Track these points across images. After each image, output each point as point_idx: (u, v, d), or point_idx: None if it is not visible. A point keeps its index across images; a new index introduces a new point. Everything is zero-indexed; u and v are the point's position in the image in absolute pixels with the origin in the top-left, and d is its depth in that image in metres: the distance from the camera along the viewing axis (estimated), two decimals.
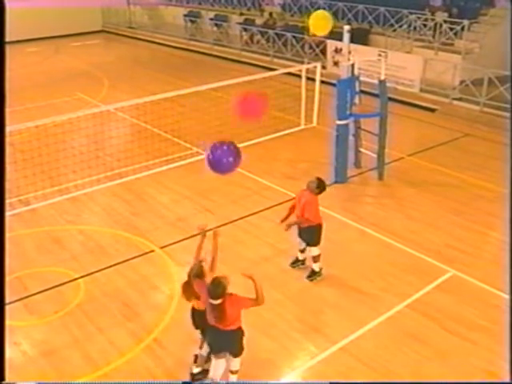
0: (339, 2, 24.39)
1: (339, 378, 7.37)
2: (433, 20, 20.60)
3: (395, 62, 18.59)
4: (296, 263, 9.74)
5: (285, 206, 11.67)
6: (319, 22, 12.07)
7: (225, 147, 7.93)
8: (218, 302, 6.49)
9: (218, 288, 6.54)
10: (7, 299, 8.75)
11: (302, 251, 9.64)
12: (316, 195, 9.15)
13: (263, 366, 7.63)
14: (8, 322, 8.34)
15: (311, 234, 9.26)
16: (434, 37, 20.35)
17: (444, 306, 8.69)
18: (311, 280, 9.38)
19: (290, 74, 18.23)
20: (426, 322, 8.39)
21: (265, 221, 11.12)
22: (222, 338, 6.74)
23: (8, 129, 11.99)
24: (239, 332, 6.82)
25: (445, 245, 10.34)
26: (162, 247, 10.29)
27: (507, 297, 8.20)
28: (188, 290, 7.08)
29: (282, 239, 10.23)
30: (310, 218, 9.06)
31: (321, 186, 9.16)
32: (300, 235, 9.41)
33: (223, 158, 7.91)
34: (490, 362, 7.53)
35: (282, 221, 9.31)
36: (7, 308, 8.58)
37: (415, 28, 21.11)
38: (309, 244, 9.39)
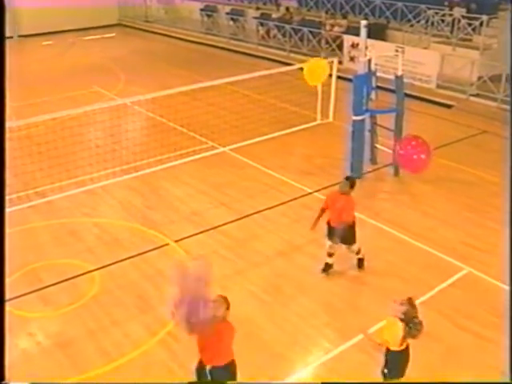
0: None
1: (352, 374, 7.36)
2: (451, 15, 20.46)
3: (412, 57, 18.47)
4: (327, 269, 9.41)
5: (300, 201, 11.75)
6: (314, 72, 11.97)
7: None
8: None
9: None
10: (22, 291, 8.92)
11: (331, 255, 9.33)
12: (350, 195, 9.09)
13: (277, 360, 7.64)
14: (22, 313, 8.50)
15: (350, 233, 9.11)
16: (451, 32, 20.21)
17: (458, 304, 8.65)
18: (362, 268, 9.45)
19: None
20: (440, 319, 8.35)
21: (280, 216, 11.12)
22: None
23: (25, 121, 12.20)
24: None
25: (460, 242, 10.28)
26: (176, 241, 10.31)
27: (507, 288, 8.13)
28: None
29: (298, 234, 10.24)
30: (349, 220, 8.99)
31: (353, 184, 9.17)
32: (332, 237, 9.12)
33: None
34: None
35: (313, 228, 9.16)
36: (22, 299, 8.76)
37: (433, 23, 20.98)
38: (350, 243, 9.22)
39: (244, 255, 9.91)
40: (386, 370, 6.57)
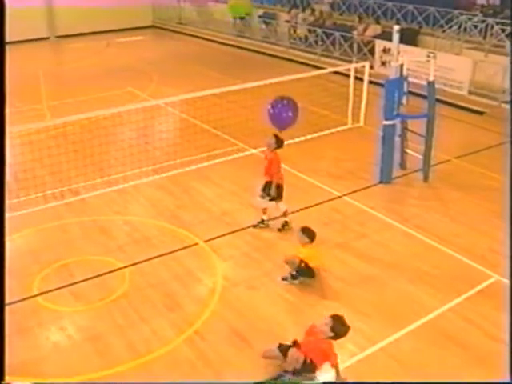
0: (389, 1, 24.25)
1: (377, 378, 7.37)
2: (483, 21, 20.30)
3: (444, 63, 18.35)
4: (258, 224, 10.87)
5: (330, 204, 11.79)
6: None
7: (285, 102, 8.90)
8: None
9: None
10: (54, 285, 9.11)
11: (265, 211, 10.85)
12: (276, 152, 10.42)
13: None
14: (55, 307, 8.68)
15: (278, 190, 10.58)
16: (484, 38, 20.06)
17: (486, 312, 8.61)
18: (281, 230, 10.72)
19: (336, 73, 18.25)
20: (468, 326, 8.34)
21: (308, 219, 11.15)
22: None
23: (61, 120, 12.45)
24: None
25: (489, 249, 10.23)
26: (206, 241, 10.43)
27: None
28: None
29: (326, 238, 10.29)
30: (275, 175, 10.46)
31: (278, 141, 10.37)
32: (263, 191, 10.61)
33: (283, 113, 8.87)
34: None
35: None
36: (54, 294, 8.95)
37: (465, 29, 20.85)
38: (277, 200, 10.61)
39: (272, 256, 9.98)
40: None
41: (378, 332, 8.18)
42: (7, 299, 8.13)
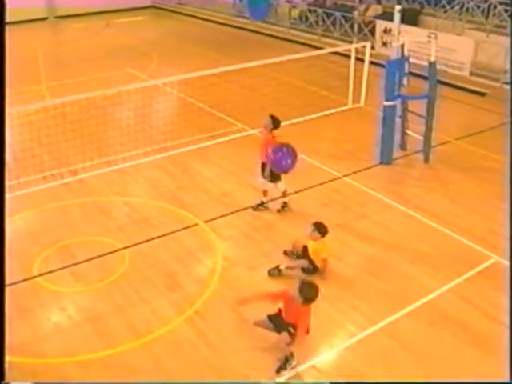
0: None
1: (377, 358, 7.43)
2: (486, 1, 20.15)
3: (445, 43, 18.22)
4: (258, 207, 10.81)
5: (330, 185, 11.77)
6: None
7: (284, 150, 9.96)
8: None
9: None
10: (54, 266, 9.12)
11: (265, 193, 10.82)
12: (273, 132, 10.44)
13: None
14: (55, 288, 8.69)
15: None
16: (486, 18, 19.91)
17: (486, 292, 8.63)
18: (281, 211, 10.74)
19: (336, 53, 18.16)
20: (467, 307, 8.36)
21: (309, 199, 11.17)
22: None
23: (60, 100, 12.39)
24: None
25: (489, 230, 10.23)
26: (206, 221, 10.42)
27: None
28: None
29: (326, 218, 10.26)
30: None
31: (275, 122, 10.37)
32: (263, 172, 10.52)
33: (283, 161, 9.97)
34: None
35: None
36: (54, 274, 8.96)
37: (467, 9, 20.69)
38: (275, 180, 10.54)
39: (272, 237, 9.99)
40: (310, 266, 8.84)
41: (377, 312, 8.20)
42: (8, 280, 8.19)
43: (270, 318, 7.47)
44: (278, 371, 7.12)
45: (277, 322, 7.38)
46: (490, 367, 7.24)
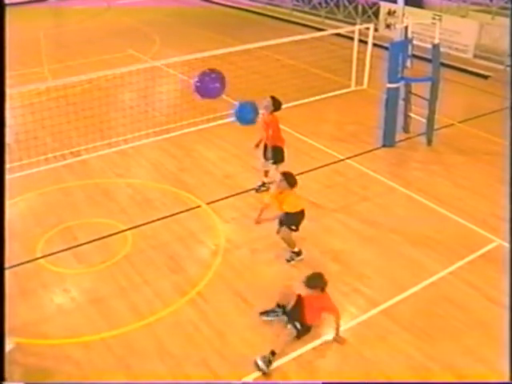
0: None
1: (378, 340, 7.45)
2: None
3: (449, 26, 18.12)
4: (260, 188, 10.84)
5: (332, 167, 11.76)
6: None
7: (213, 75, 9.79)
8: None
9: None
10: (57, 248, 9.14)
11: (267, 173, 10.81)
12: (274, 114, 10.34)
13: None
14: (58, 270, 8.71)
15: (276, 152, 10.47)
16: (491, 0, 19.75)
17: (487, 275, 8.65)
18: None
19: (339, 35, 18.05)
20: (469, 290, 8.37)
21: (311, 181, 11.15)
22: None
23: (62, 81, 12.36)
24: None
25: (491, 214, 10.22)
26: (208, 203, 10.43)
27: None
28: None
29: (328, 200, 10.30)
30: (275, 138, 10.40)
31: (276, 104, 10.24)
32: (266, 155, 10.58)
33: (210, 84, 9.76)
34: None
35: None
36: (57, 256, 8.98)
37: None
38: (276, 162, 10.49)
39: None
40: (293, 227, 8.80)
41: (379, 295, 8.22)
42: (11, 262, 8.23)
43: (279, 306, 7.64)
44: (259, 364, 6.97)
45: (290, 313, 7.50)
46: (491, 349, 7.26)
